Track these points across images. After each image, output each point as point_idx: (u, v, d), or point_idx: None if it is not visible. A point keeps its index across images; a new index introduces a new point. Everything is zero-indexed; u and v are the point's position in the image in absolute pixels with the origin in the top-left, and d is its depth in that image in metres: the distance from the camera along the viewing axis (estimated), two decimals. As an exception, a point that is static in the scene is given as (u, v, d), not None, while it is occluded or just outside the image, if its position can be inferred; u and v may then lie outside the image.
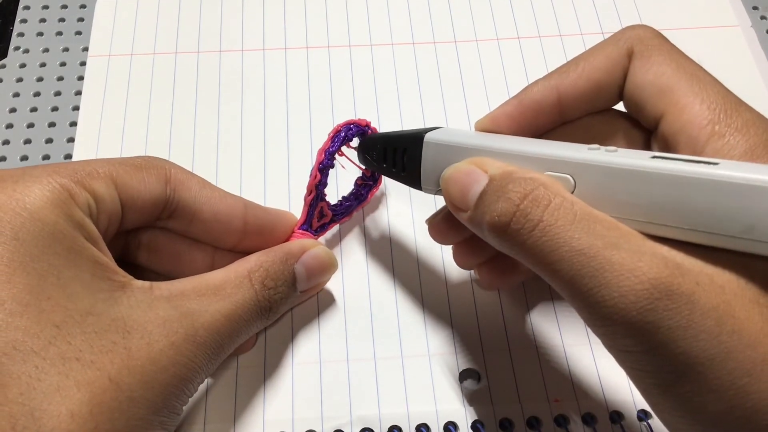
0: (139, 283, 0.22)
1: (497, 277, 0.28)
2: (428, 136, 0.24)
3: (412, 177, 0.25)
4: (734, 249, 0.17)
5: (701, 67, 0.22)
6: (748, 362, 0.16)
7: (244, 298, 0.24)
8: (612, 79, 0.23)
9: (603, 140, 0.21)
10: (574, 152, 0.20)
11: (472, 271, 0.31)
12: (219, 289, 0.24)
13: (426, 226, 0.28)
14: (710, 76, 0.22)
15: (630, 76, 0.23)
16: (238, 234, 0.27)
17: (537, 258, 0.19)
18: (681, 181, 0.18)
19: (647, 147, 0.24)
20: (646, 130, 0.24)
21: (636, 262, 0.17)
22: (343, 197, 0.31)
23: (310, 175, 0.28)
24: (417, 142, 0.25)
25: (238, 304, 0.24)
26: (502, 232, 0.20)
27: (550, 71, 0.25)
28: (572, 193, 0.20)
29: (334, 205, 0.30)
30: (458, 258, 0.29)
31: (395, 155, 0.26)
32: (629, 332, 0.18)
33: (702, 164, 0.18)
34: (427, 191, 0.25)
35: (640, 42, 0.23)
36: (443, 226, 0.27)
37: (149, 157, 0.25)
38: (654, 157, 0.19)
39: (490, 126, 0.25)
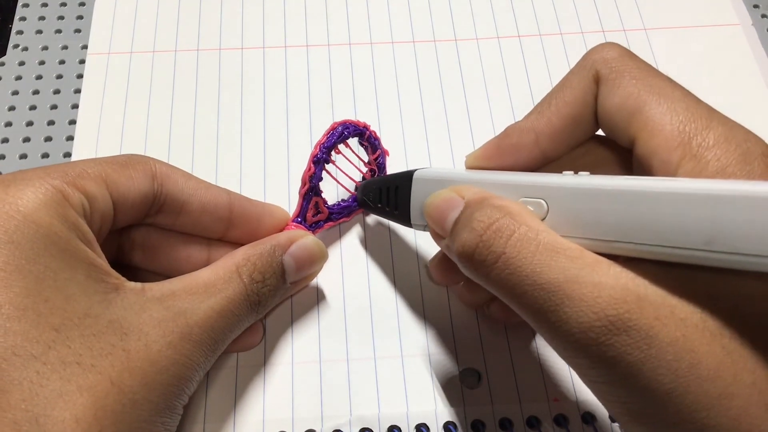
0: (131, 284, 0.22)
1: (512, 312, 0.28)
2: (418, 173, 0.25)
3: (403, 214, 0.26)
4: (699, 264, 0.17)
5: (670, 81, 0.21)
6: (705, 397, 0.16)
7: (234, 292, 0.24)
8: (586, 109, 0.23)
9: (589, 171, 0.21)
10: (547, 177, 0.21)
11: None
12: (209, 287, 0.23)
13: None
14: (679, 89, 0.21)
15: (600, 102, 0.22)
16: (225, 222, 0.27)
17: (502, 290, 0.19)
18: (641, 196, 0.18)
19: (631, 171, 0.23)
20: (628, 154, 0.23)
21: (595, 298, 0.17)
22: (342, 200, 0.31)
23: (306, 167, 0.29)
24: (407, 179, 0.26)
25: (229, 299, 0.24)
26: (467, 262, 0.20)
27: (530, 110, 0.24)
28: (545, 217, 0.20)
29: (332, 204, 0.30)
30: (464, 297, 0.28)
31: (389, 194, 0.27)
32: (593, 365, 0.18)
33: (662, 180, 0.18)
34: (416, 228, 0.26)
35: (604, 65, 0.22)
36: (442, 266, 0.27)
37: (131, 154, 0.25)
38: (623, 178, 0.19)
39: (473, 166, 0.25)
